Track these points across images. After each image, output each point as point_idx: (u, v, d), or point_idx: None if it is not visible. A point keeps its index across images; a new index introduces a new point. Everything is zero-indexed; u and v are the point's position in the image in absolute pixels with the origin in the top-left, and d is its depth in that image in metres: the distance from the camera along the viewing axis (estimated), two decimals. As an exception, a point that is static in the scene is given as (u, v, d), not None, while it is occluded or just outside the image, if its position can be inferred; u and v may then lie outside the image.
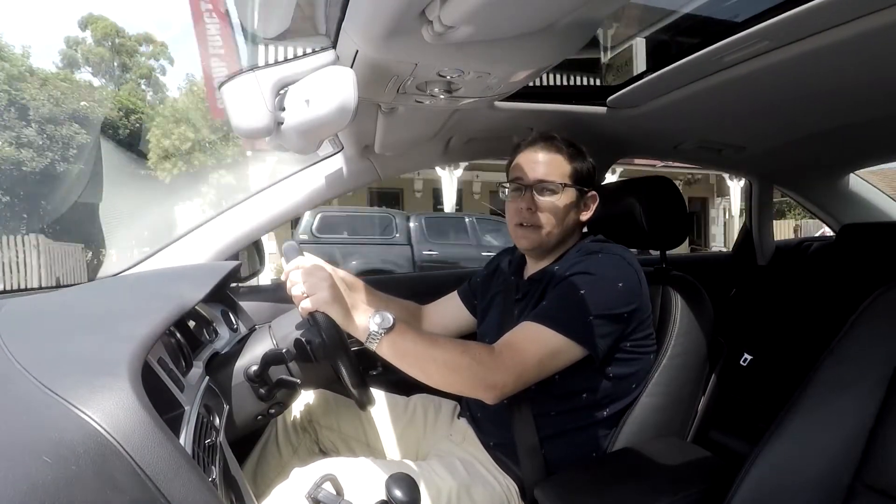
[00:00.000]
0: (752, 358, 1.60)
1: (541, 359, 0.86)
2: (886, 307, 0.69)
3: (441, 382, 0.83)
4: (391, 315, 0.81)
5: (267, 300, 1.36)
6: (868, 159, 1.90)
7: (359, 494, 0.76)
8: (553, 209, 0.99)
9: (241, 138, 0.84)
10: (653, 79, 1.08)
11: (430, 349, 0.82)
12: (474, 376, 0.82)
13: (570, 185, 1.00)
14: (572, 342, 0.86)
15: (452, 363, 0.82)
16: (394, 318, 0.81)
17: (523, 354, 0.85)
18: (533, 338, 0.87)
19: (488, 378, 0.82)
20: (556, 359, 0.87)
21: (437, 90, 0.86)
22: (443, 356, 0.81)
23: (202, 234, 1.26)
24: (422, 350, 0.82)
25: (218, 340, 1.04)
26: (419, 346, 0.82)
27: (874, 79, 0.99)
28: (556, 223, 1.00)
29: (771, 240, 2.09)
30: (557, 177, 0.99)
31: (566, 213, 1.00)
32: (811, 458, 0.66)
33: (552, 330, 0.86)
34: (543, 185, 0.99)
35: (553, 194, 0.99)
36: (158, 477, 0.44)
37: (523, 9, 0.63)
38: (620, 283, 0.91)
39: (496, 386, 0.83)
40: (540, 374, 0.87)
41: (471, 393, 0.85)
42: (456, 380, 0.83)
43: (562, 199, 1.00)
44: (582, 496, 0.84)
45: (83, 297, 0.87)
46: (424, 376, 0.82)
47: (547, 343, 0.86)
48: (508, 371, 0.83)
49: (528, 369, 0.85)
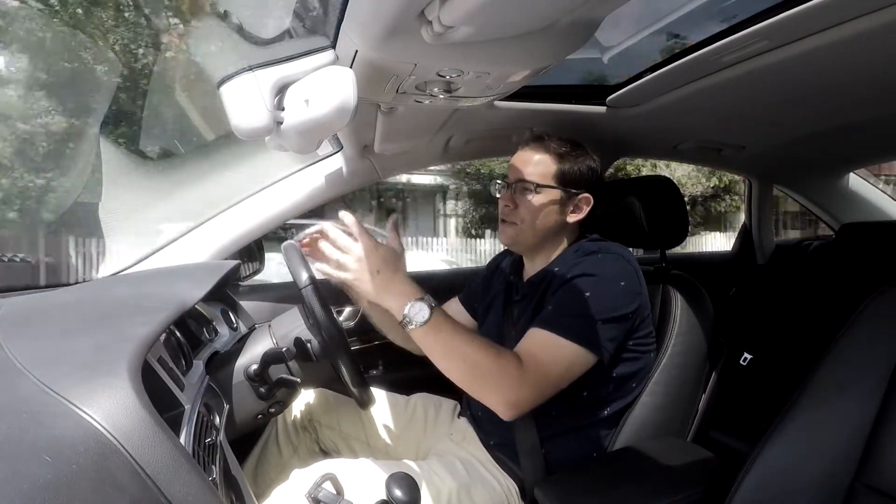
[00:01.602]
0: (752, 357, 1.60)
1: (561, 374, 0.85)
2: (886, 307, 0.69)
3: (463, 383, 0.81)
4: (428, 307, 0.79)
5: (267, 299, 1.36)
6: (868, 159, 1.90)
7: (359, 494, 0.76)
8: (529, 208, 1.00)
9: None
10: (652, 78, 1.08)
11: (464, 347, 0.80)
12: (498, 387, 0.80)
13: (552, 186, 1.00)
14: (585, 350, 0.86)
15: (482, 368, 0.80)
16: (431, 310, 0.79)
17: (545, 370, 0.84)
18: (552, 351, 0.85)
19: (512, 394, 0.81)
20: (573, 371, 0.87)
21: (436, 90, 0.86)
22: (474, 357, 0.80)
23: (202, 232, 1.26)
24: (455, 346, 0.80)
25: (218, 339, 1.04)
26: (452, 342, 0.80)
27: (873, 78, 0.99)
28: (531, 221, 1.00)
29: (771, 239, 2.09)
30: (538, 177, 1.00)
31: (544, 213, 1.00)
32: (811, 458, 0.66)
33: (569, 340, 0.85)
34: (521, 185, 1.01)
35: (530, 193, 1.00)
36: (158, 476, 0.44)
37: (523, 9, 0.63)
38: (622, 282, 0.91)
39: (517, 404, 0.81)
40: (557, 389, 0.86)
41: (488, 402, 0.82)
42: (479, 386, 0.81)
43: (539, 199, 1.00)
44: (582, 496, 0.84)
45: (83, 296, 0.87)
46: (449, 373, 0.81)
47: (566, 356, 0.85)
48: (532, 388, 0.82)
49: (549, 385, 0.84)
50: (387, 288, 0.81)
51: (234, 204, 1.30)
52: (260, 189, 1.31)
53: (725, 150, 1.60)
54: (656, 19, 1.01)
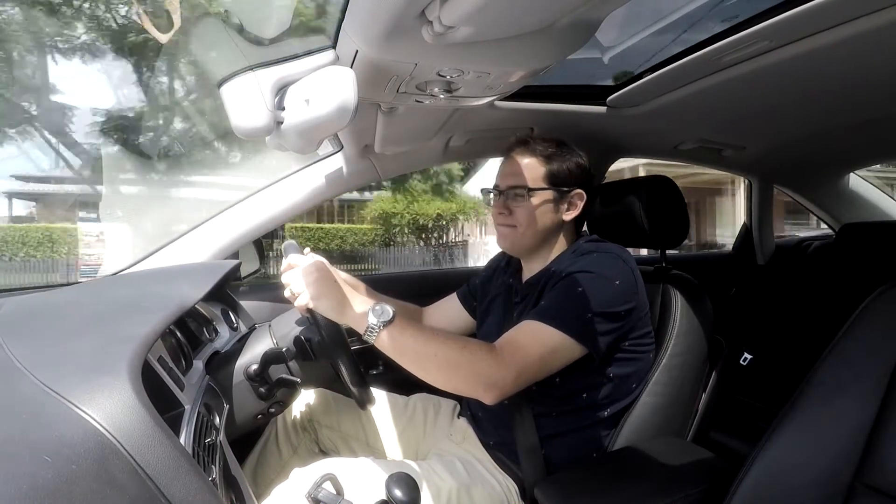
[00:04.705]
0: (751, 357, 1.60)
1: (541, 356, 0.85)
2: (886, 306, 0.69)
3: (440, 380, 0.82)
4: (391, 309, 0.80)
5: (267, 299, 1.36)
6: (868, 159, 1.90)
7: (359, 494, 0.76)
8: (525, 212, 1.01)
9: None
10: (653, 78, 1.08)
11: (430, 344, 0.81)
12: (474, 374, 0.81)
13: (544, 188, 1.01)
14: (572, 339, 0.86)
15: (452, 360, 0.81)
16: (393, 311, 0.80)
17: (524, 352, 0.85)
18: (533, 335, 0.87)
19: (490, 376, 0.81)
20: (556, 357, 0.87)
21: (436, 90, 0.86)
22: (443, 352, 0.80)
23: (202, 232, 1.26)
24: (421, 345, 0.81)
25: (218, 339, 1.04)
26: (419, 341, 0.81)
27: (874, 78, 0.99)
28: (529, 224, 1.01)
29: (771, 239, 2.09)
30: (528, 181, 1.01)
31: (540, 214, 1.01)
32: (811, 458, 0.66)
33: (551, 327, 0.86)
34: (513, 191, 1.02)
35: (523, 199, 1.01)
36: (158, 476, 0.44)
37: (523, 9, 0.63)
38: (617, 280, 0.91)
39: (496, 385, 0.82)
40: (540, 373, 0.86)
41: (470, 392, 0.83)
42: (455, 377, 0.82)
43: (533, 202, 1.01)
44: (582, 496, 0.84)
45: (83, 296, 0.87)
46: (423, 373, 0.81)
47: (547, 340, 0.86)
48: (509, 369, 0.82)
49: (529, 367, 0.84)
50: (341, 301, 0.82)
51: (234, 204, 1.30)
52: (260, 189, 1.31)
53: (726, 151, 1.60)
54: (656, 19, 1.01)
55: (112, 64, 9.84)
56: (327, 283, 0.82)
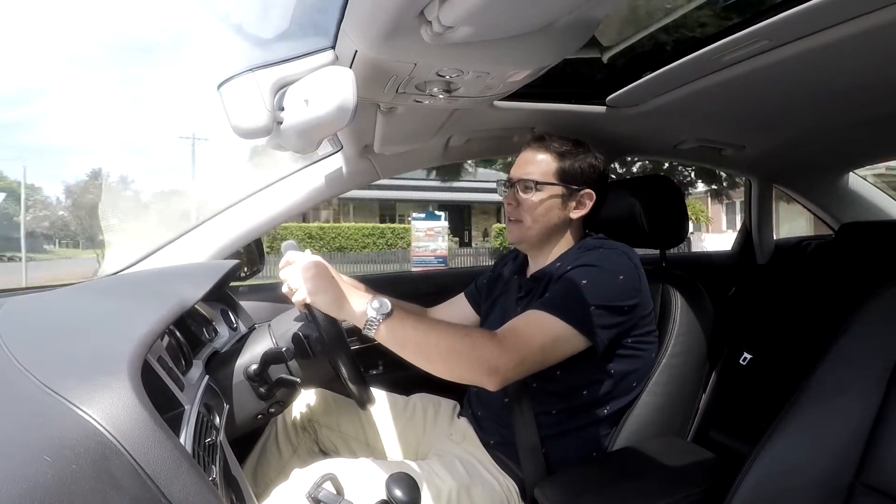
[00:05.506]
0: (751, 357, 1.60)
1: (543, 344, 0.85)
2: (886, 306, 0.69)
3: (443, 369, 0.81)
4: (389, 301, 0.81)
5: (266, 299, 1.36)
6: (868, 158, 1.90)
7: (359, 494, 0.76)
8: (532, 205, 1.03)
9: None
10: (652, 78, 1.08)
11: (431, 334, 0.81)
12: (477, 360, 0.81)
13: (553, 183, 1.02)
14: (574, 330, 0.86)
15: (454, 347, 0.81)
16: (392, 304, 0.80)
17: (525, 339, 0.85)
18: (536, 324, 0.87)
19: (491, 361, 0.81)
20: (558, 346, 0.87)
21: (436, 90, 0.86)
22: (445, 340, 0.80)
23: (201, 232, 1.26)
24: (422, 335, 0.81)
25: (217, 339, 1.04)
26: (419, 331, 0.81)
27: (873, 78, 0.99)
28: (535, 218, 1.03)
29: (771, 239, 2.09)
30: (538, 175, 1.03)
31: (547, 209, 1.03)
32: (811, 458, 0.66)
33: (554, 317, 0.86)
34: (523, 183, 1.03)
35: (531, 191, 1.02)
36: (158, 476, 0.44)
37: (522, 9, 0.63)
38: (621, 276, 0.91)
39: (498, 370, 0.81)
40: (542, 361, 0.86)
41: (473, 378, 0.83)
42: (458, 365, 0.81)
43: (541, 196, 1.02)
44: (582, 496, 0.83)
45: (82, 297, 0.87)
46: (426, 363, 0.81)
47: (549, 330, 0.86)
48: (511, 355, 0.82)
49: (531, 354, 0.84)
50: (339, 296, 0.82)
51: (234, 204, 1.30)
52: (259, 189, 1.31)
53: (725, 150, 1.60)
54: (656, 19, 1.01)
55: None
56: (325, 279, 0.83)
